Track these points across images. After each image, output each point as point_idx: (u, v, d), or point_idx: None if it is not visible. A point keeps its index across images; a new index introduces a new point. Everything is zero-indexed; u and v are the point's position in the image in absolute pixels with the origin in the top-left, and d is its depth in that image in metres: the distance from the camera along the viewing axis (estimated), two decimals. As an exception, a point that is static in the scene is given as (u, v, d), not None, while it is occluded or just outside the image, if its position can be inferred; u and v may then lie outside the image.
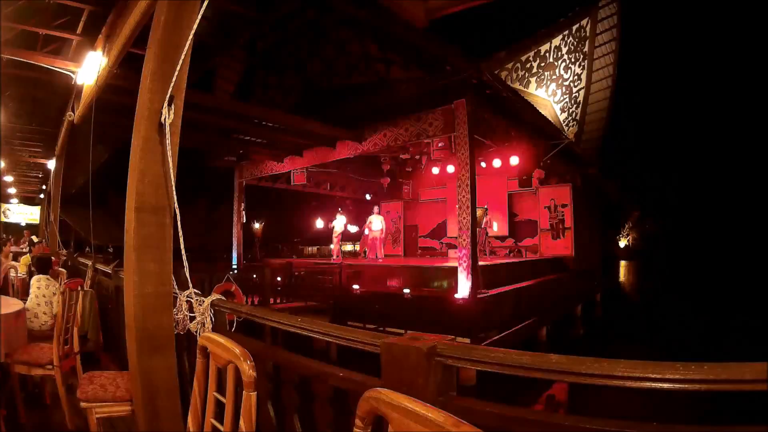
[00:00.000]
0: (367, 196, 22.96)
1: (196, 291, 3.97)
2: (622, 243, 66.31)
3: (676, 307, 28.20)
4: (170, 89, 3.75)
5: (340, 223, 22.19)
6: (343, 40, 15.85)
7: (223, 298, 3.93)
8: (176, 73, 3.76)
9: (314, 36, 16.55)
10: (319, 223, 24.07)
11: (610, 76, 27.73)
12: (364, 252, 23.01)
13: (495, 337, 12.86)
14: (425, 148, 17.20)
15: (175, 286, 3.98)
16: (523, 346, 14.86)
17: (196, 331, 3.77)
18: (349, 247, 33.99)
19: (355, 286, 15.55)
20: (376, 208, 21.70)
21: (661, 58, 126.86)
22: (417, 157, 19.74)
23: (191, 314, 3.89)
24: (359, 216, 25.26)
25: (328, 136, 16.68)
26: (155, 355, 3.71)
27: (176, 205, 3.83)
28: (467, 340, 12.04)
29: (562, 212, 22.40)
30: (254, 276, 16.86)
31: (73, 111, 10.90)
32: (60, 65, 9.28)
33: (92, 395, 4.00)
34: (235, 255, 22.22)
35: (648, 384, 1.64)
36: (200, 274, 14.40)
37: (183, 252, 3.89)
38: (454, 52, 13.04)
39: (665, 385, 1.61)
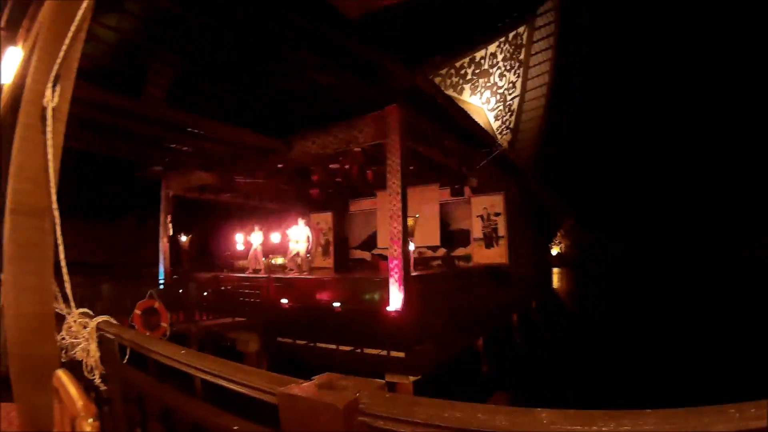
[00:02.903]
0: (300, 225, 22.19)
1: (87, 311, 3.37)
2: (555, 251, 66.86)
3: (609, 314, 28.46)
4: (56, 67, 3.17)
5: (257, 238, 21.66)
6: (276, 46, 15.35)
7: (112, 320, 3.31)
8: (64, 47, 3.18)
9: (247, 41, 16.04)
10: (239, 238, 23.38)
11: (545, 84, 27.67)
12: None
13: (430, 350, 12.47)
14: (356, 156, 16.75)
15: (64, 305, 3.39)
16: (460, 358, 14.63)
17: (82, 361, 3.18)
18: (280, 260, 33.39)
19: (284, 301, 15.04)
20: (301, 222, 21.25)
21: (597, 67, 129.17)
22: (347, 166, 19.31)
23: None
24: (287, 228, 24.64)
25: (258, 145, 16.15)
26: (39, 386, 3.09)
27: (56, 207, 3.22)
28: (402, 354, 11.71)
29: (496, 221, 22.16)
30: (180, 291, 16.20)
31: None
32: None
33: (-22, 434, 3.44)
34: (162, 269, 21.53)
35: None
36: (125, 290, 13.82)
37: (63, 264, 3.29)
38: (387, 55, 12.64)
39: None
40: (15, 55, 7.51)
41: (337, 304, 13.53)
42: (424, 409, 1.36)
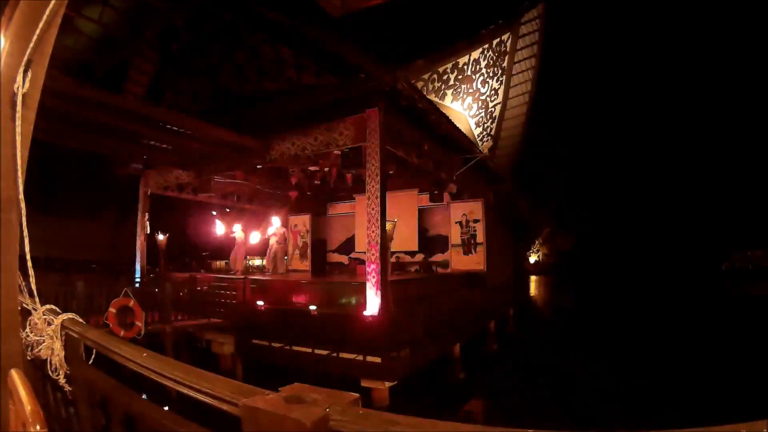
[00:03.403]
0: (276, 222, 22.04)
1: (53, 308, 3.23)
2: (533, 258, 66.95)
3: (586, 322, 28.56)
4: (29, 51, 3.05)
5: (239, 239, 21.53)
6: (257, 44, 15.25)
7: (78, 318, 3.16)
8: (38, 31, 3.05)
9: (227, 39, 15.93)
10: (219, 229, 23.07)
11: (527, 92, 27.75)
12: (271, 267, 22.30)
13: (407, 356, 12.39)
14: (335, 159, 16.64)
15: (29, 301, 3.24)
16: (436, 364, 14.57)
17: (48, 359, 3.04)
18: (258, 262, 33.21)
19: (260, 303, 14.89)
20: (278, 222, 21.24)
21: (580, 76, 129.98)
22: (326, 169, 19.22)
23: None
24: (266, 229, 24.52)
25: (236, 145, 15.98)
26: (2, 384, 2.98)
27: (23, 198, 3.09)
28: (378, 359, 11.62)
29: (474, 227, 22.08)
30: (156, 290, 16.01)
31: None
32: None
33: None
34: (138, 268, 21.34)
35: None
36: (100, 288, 13.61)
37: (28, 258, 3.15)
38: (369, 58, 12.56)
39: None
40: (-3, 44, 7.34)
41: (313, 307, 13.41)
42: (403, 428, 1.19)
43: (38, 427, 1.46)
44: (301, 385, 1.43)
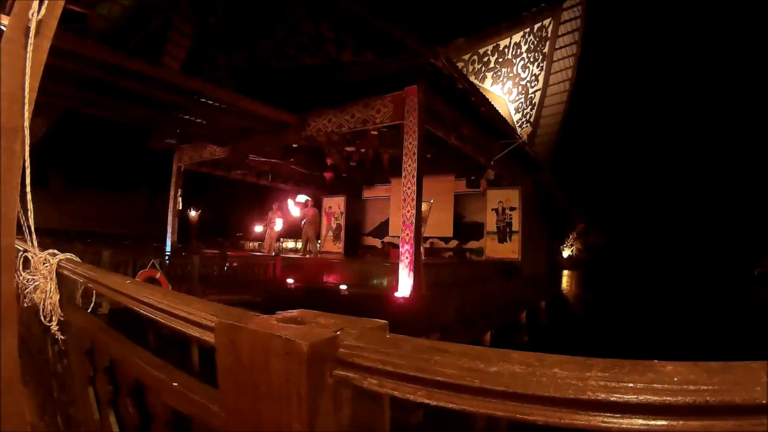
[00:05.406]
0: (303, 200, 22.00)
1: (55, 252, 2.93)
2: (566, 252, 66.42)
3: (619, 321, 28.14)
4: (47, -23, 2.80)
5: (277, 221, 21.51)
6: (297, 19, 15.07)
7: (75, 258, 2.86)
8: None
9: (267, 14, 15.76)
10: (258, 228, 23.17)
11: (568, 80, 27.31)
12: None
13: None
14: (372, 140, 16.39)
15: (28, 241, 2.95)
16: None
17: (42, 303, 2.73)
18: (290, 244, 33.21)
19: (290, 281, 14.74)
20: (309, 201, 21.18)
21: (621, 67, 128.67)
22: (362, 150, 18.99)
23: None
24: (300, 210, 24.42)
25: (272, 119, 15.81)
26: None
27: (27, 126, 2.81)
28: (407, 344, 11.34)
29: (510, 215, 21.76)
30: (185, 265, 15.94)
31: (3, 74, 9.84)
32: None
33: None
34: (168, 243, 21.33)
35: None
36: (128, 260, 13.59)
37: (28, 191, 2.87)
38: (410, 34, 12.30)
39: None
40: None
41: (344, 287, 13.21)
42: (453, 359, 0.80)
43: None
44: (310, 311, 1.03)
